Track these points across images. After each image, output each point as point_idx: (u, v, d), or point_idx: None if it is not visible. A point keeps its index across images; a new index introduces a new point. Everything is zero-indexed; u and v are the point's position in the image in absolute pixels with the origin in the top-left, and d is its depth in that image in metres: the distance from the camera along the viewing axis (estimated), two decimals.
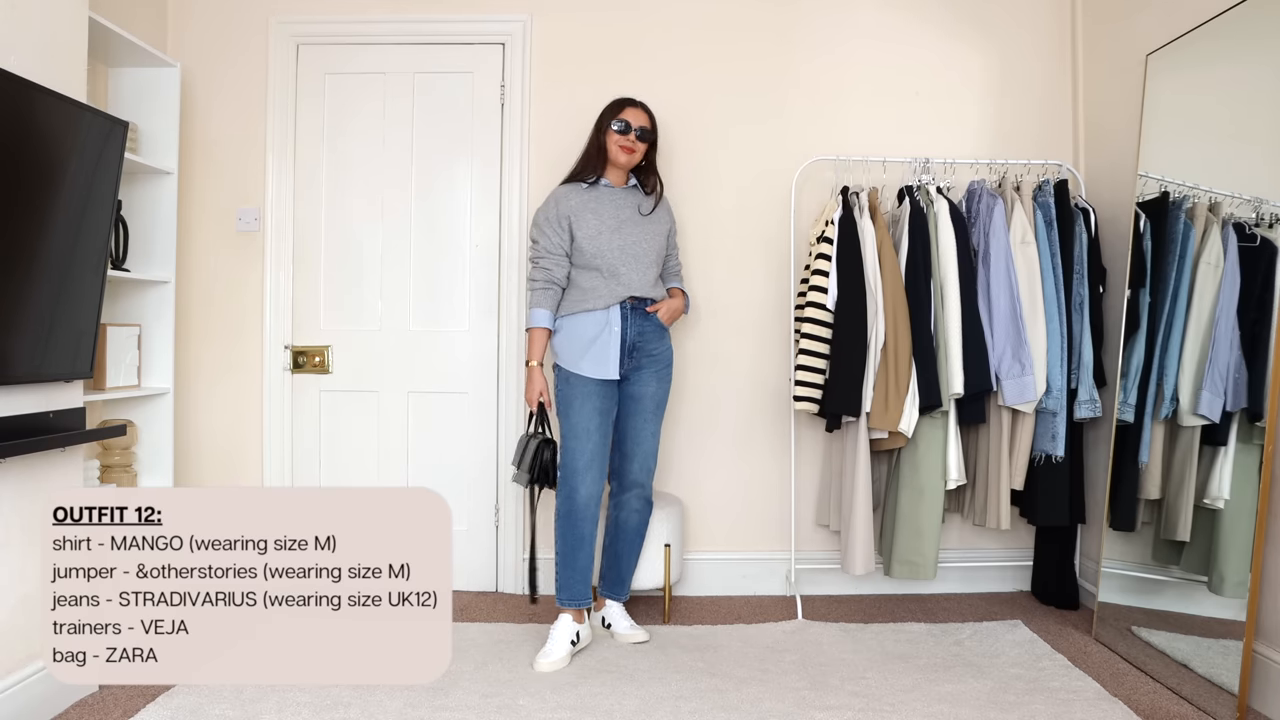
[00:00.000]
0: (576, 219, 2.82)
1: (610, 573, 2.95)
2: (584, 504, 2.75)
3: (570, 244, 2.83)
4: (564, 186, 2.92)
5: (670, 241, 3.00)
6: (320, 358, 3.46)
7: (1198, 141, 2.67)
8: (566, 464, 2.77)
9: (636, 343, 2.82)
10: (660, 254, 2.93)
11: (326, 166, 3.46)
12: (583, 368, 2.78)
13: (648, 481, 2.91)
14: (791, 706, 2.34)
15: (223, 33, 3.45)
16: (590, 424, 2.76)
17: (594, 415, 2.77)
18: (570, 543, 2.77)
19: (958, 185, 3.32)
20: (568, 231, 2.83)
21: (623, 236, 2.83)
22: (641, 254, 2.84)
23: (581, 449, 2.75)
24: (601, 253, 2.80)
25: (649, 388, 2.86)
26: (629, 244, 2.83)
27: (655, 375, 2.87)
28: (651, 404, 2.87)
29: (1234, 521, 2.37)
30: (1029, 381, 2.96)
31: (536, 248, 2.87)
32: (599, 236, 2.81)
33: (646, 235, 2.87)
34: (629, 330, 2.80)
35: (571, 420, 2.78)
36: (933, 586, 3.40)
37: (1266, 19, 2.36)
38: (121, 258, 2.89)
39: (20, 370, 2.12)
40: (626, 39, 3.44)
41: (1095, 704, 2.35)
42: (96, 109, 2.31)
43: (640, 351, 2.84)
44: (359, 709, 2.30)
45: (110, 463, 2.91)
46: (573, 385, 2.79)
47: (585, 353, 2.78)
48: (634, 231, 2.85)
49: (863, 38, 3.46)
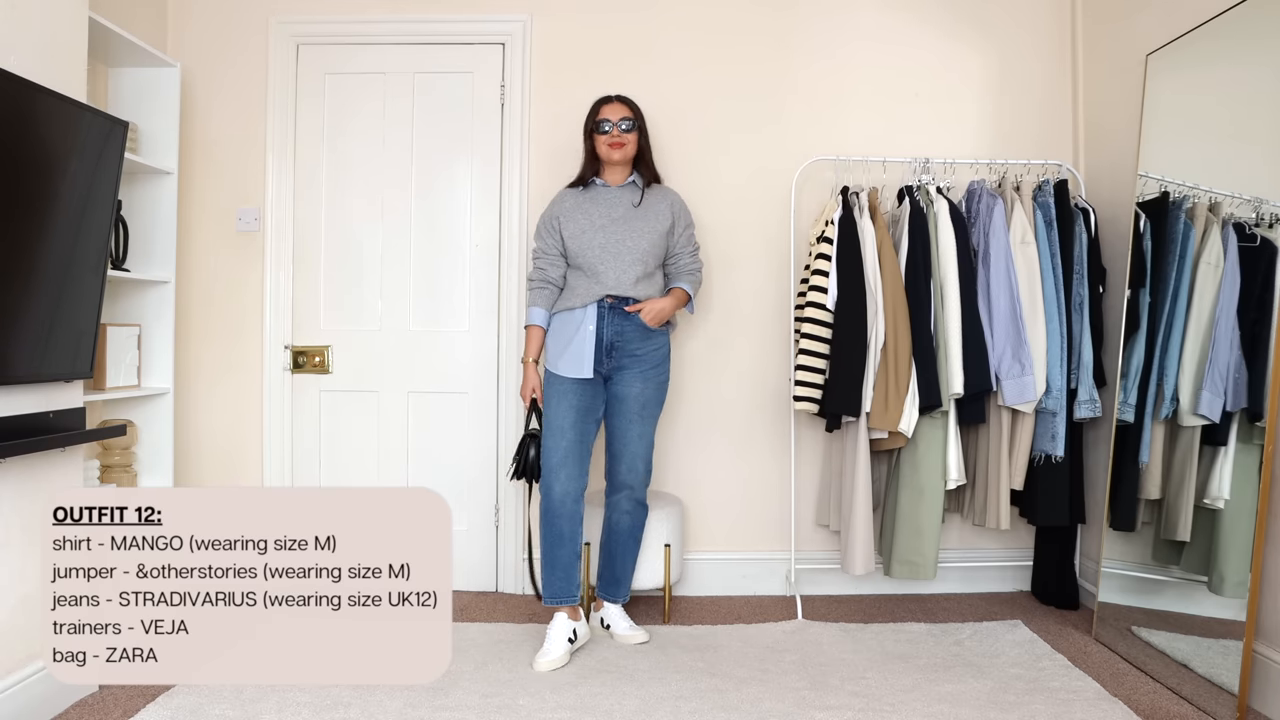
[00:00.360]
0: (566, 220, 2.88)
1: (606, 574, 2.94)
2: (559, 501, 2.75)
3: (562, 244, 2.88)
4: (563, 190, 2.99)
5: (675, 239, 2.94)
6: (320, 358, 3.46)
7: (1198, 141, 2.66)
8: (544, 461, 2.79)
9: (615, 342, 2.81)
10: (651, 252, 2.85)
11: (326, 166, 3.46)
12: (560, 366, 2.80)
13: (637, 484, 2.88)
14: (791, 706, 2.34)
15: (223, 33, 3.45)
16: (565, 421, 2.77)
17: (569, 413, 2.77)
18: (549, 540, 2.77)
19: (958, 185, 3.32)
20: (558, 233, 2.88)
21: (606, 235, 2.83)
22: (624, 251, 2.81)
23: (555, 446, 2.76)
24: (583, 251, 2.83)
25: (632, 388, 2.83)
26: (611, 242, 2.82)
27: (640, 375, 2.83)
28: (636, 405, 2.83)
29: (1234, 521, 2.36)
30: (1029, 381, 2.96)
31: (535, 250, 2.96)
32: (583, 235, 2.84)
33: (634, 232, 2.84)
34: (605, 329, 2.80)
35: (549, 418, 2.80)
36: (933, 586, 3.40)
37: (1266, 19, 2.36)
38: (121, 258, 2.89)
39: (20, 370, 2.12)
40: (627, 39, 3.44)
41: (1095, 704, 2.35)
42: (96, 109, 2.31)
43: (620, 351, 2.82)
44: (359, 709, 2.30)
45: (110, 463, 2.91)
46: (552, 384, 2.82)
47: (564, 351, 2.81)
48: (620, 229, 2.84)
49: (863, 38, 3.45)
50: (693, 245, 3.01)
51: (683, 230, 2.97)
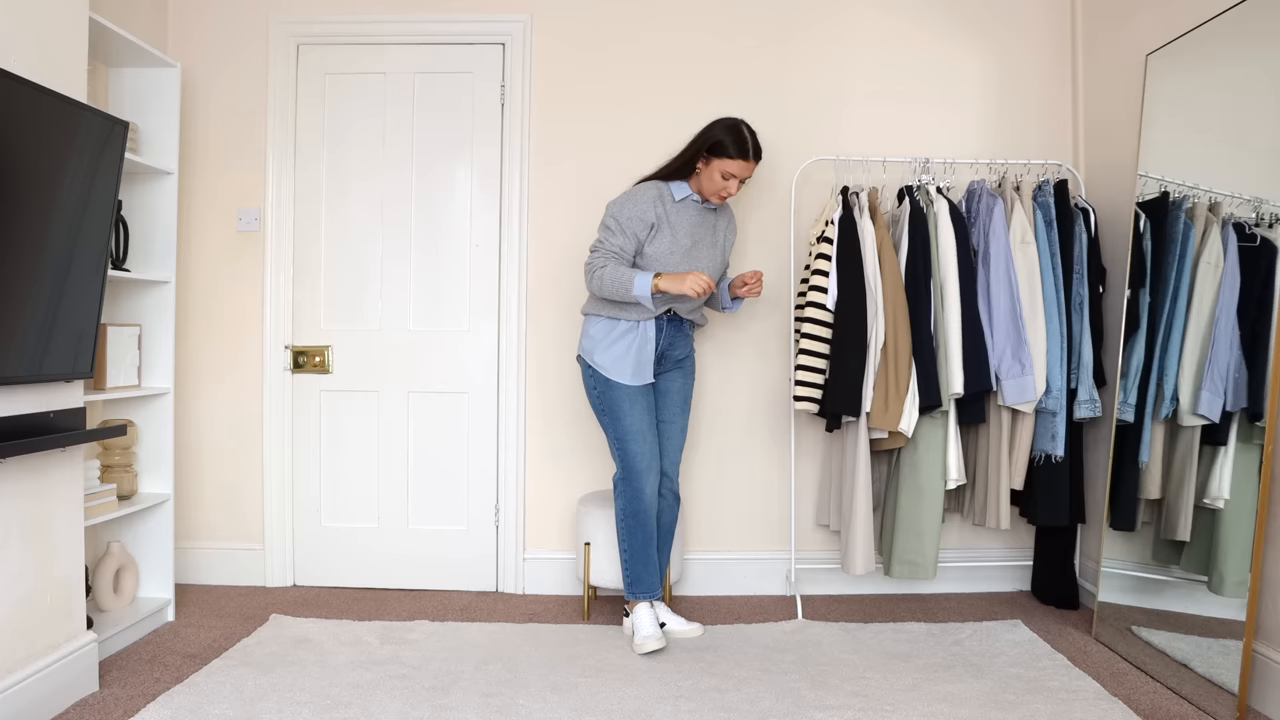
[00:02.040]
0: (656, 232, 2.77)
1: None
2: (650, 502, 2.84)
3: (639, 247, 2.79)
4: (646, 185, 2.84)
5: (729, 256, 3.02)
6: (320, 358, 3.46)
7: (1198, 141, 2.66)
8: (629, 466, 2.81)
9: (666, 350, 2.89)
10: (721, 273, 2.96)
11: (327, 166, 3.46)
12: (624, 376, 2.80)
13: (677, 474, 2.99)
14: (791, 706, 2.34)
15: (223, 33, 3.46)
16: (643, 424, 2.82)
17: (645, 415, 2.83)
18: (643, 538, 2.84)
19: (958, 185, 3.33)
20: (639, 239, 2.77)
21: (691, 260, 2.81)
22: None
23: (641, 451, 2.81)
24: (664, 269, 2.78)
25: (675, 383, 2.95)
26: (695, 267, 2.82)
27: (682, 373, 2.97)
28: (679, 399, 2.96)
29: (1234, 521, 2.36)
30: (1029, 381, 2.96)
31: (608, 241, 2.78)
32: (669, 256, 2.78)
33: (713, 261, 2.88)
34: (662, 339, 2.86)
35: (625, 424, 2.81)
36: (933, 586, 3.40)
37: (1266, 19, 2.36)
38: (122, 258, 2.89)
39: (20, 370, 2.12)
40: (627, 39, 3.44)
41: (1095, 704, 2.35)
42: (96, 109, 2.31)
43: (668, 358, 2.91)
44: (359, 709, 2.30)
45: (110, 463, 2.91)
46: (617, 389, 2.81)
47: (623, 359, 2.80)
48: (704, 253, 2.85)
49: (863, 38, 3.46)
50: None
51: (733, 246, 3.06)
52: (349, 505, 3.48)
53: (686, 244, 2.80)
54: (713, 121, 2.81)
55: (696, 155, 2.78)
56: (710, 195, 2.80)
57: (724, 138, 2.72)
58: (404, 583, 3.46)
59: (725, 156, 2.72)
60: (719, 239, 2.92)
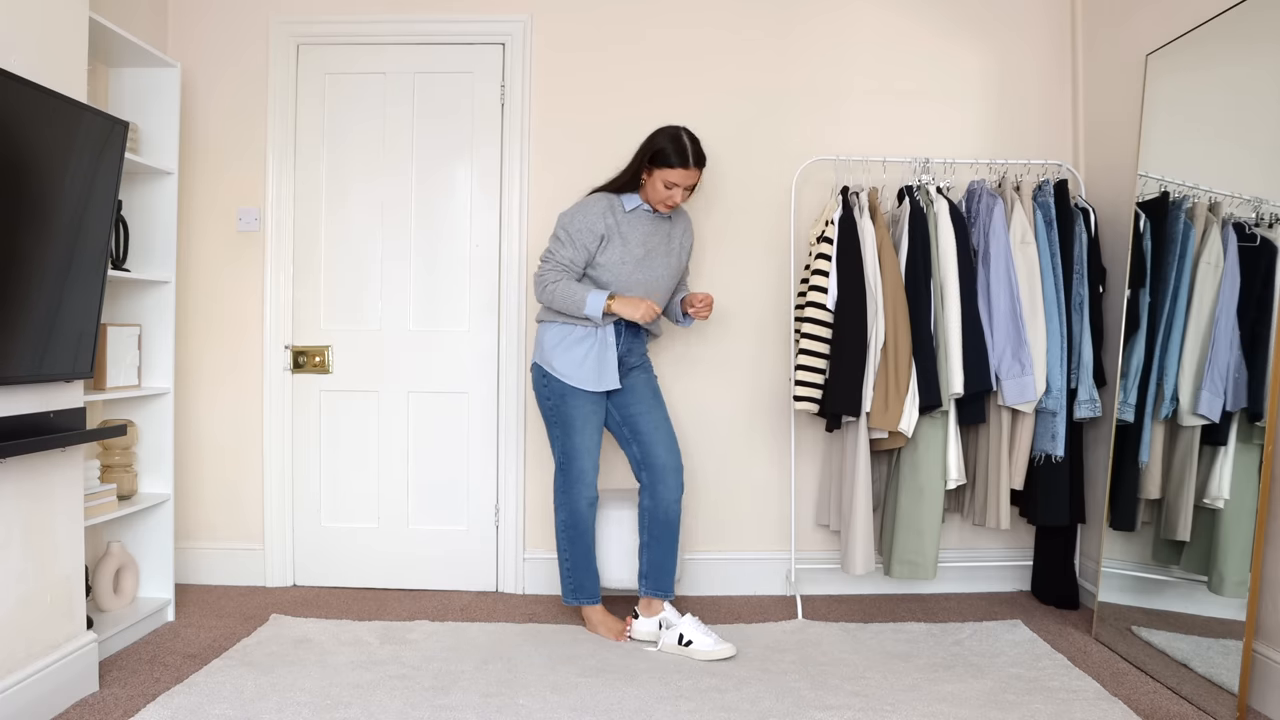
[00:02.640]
0: (606, 245, 2.77)
1: (655, 570, 2.89)
2: (586, 514, 2.87)
3: (590, 260, 2.79)
4: (596, 196, 2.84)
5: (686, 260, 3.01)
6: (320, 358, 3.46)
7: (1198, 141, 2.66)
8: (571, 479, 2.84)
9: (624, 357, 2.88)
10: (676, 281, 2.96)
11: (326, 166, 3.46)
12: (585, 382, 2.79)
13: (680, 463, 2.91)
14: (791, 706, 2.34)
15: (223, 33, 3.46)
16: (591, 442, 2.85)
17: (595, 434, 2.85)
18: (582, 549, 2.88)
19: (958, 185, 3.33)
20: (590, 252, 2.77)
21: (645, 272, 2.81)
22: (656, 289, 2.85)
23: (586, 468, 2.84)
24: (618, 283, 2.79)
25: (639, 379, 2.93)
26: (651, 280, 2.83)
27: (643, 371, 2.96)
28: (648, 391, 2.94)
29: (1234, 521, 2.36)
30: (1029, 381, 2.96)
31: (556, 253, 2.78)
32: (621, 267, 2.77)
33: (668, 270, 2.88)
34: (621, 344, 2.85)
35: (575, 441, 2.82)
36: (933, 586, 3.40)
37: (1266, 19, 2.36)
38: (122, 258, 2.89)
39: (20, 370, 2.12)
40: (627, 39, 3.44)
41: (1095, 704, 2.35)
42: (96, 109, 2.31)
43: (625, 363, 2.90)
44: (359, 709, 2.30)
45: (110, 463, 2.91)
46: (571, 399, 2.80)
47: (582, 365, 2.79)
48: (657, 264, 2.84)
49: (862, 37, 3.45)
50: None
51: (690, 252, 3.03)
52: (349, 505, 3.48)
53: (639, 254, 2.79)
54: (655, 131, 2.82)
55: (641, 166, 2.79)
56: (657, 204, 2.79)
57: (665, 146, 2.74)
58: (404, 583, 3.46)
59: (667, 166, 2.73)
60: (674, 246, 2.91)
